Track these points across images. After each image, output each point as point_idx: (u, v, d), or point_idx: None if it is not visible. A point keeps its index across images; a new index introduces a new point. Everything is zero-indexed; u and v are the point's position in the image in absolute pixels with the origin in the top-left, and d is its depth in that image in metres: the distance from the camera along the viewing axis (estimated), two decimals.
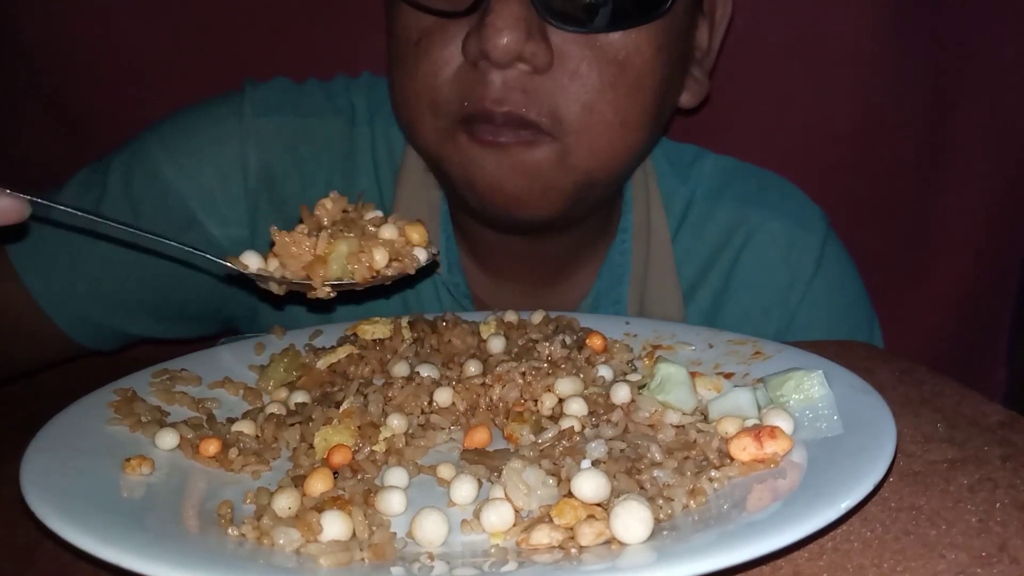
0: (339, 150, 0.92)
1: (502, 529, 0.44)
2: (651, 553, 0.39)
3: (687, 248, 0.94)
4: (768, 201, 0.95)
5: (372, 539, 0.44)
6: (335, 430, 0.55)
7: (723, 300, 0.94)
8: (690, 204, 0.95)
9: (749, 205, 0.94)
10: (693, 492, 0.46)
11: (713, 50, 0.87)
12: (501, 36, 0.67)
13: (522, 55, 0.69)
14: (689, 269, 0.94)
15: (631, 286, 0.91)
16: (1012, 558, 0.41)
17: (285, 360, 0.67)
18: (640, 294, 0.91)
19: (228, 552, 0.42)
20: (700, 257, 0.94)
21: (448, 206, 0.90)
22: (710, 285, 0.94)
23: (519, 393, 0.60)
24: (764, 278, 0.94)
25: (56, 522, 0.41)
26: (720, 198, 0.95)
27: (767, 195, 0.96)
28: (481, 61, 0.70)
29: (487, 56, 0.69)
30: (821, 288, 0.94)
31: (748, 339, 0.67)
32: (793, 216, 0.95)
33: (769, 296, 0.94)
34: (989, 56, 1.13)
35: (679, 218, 0.95)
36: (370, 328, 0.69)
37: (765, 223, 0.94)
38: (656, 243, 0.93)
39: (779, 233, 0.94)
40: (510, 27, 0.67)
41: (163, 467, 0.52)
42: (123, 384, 0.61)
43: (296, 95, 0.93)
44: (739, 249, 0.94)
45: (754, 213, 0.94)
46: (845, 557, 0.42)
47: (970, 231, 1.21)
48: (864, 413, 0.51)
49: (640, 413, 0.55)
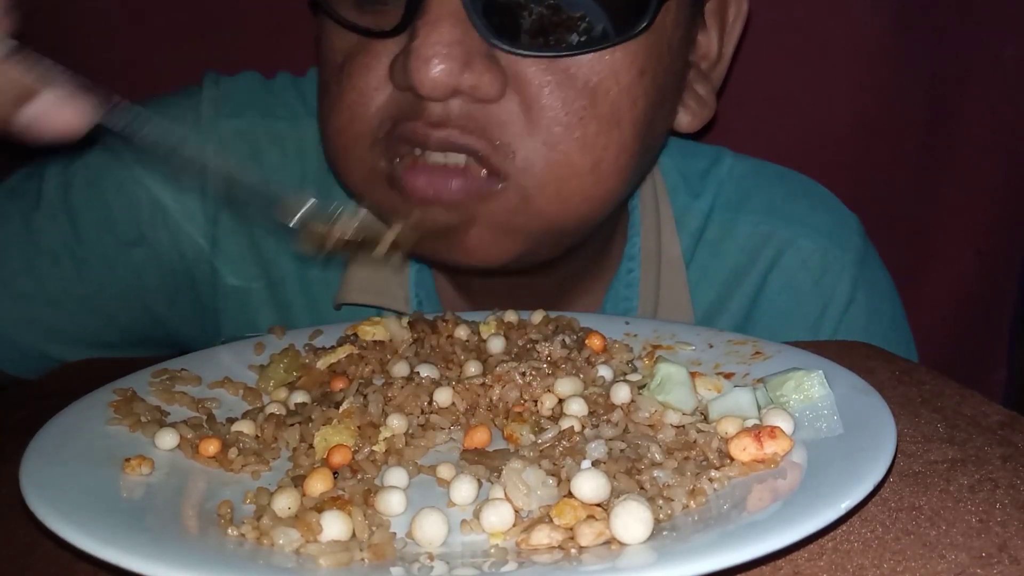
0: (313, 158, 0.79)
1: (502, 529, 0.44)
2: (651, 553, 0.39)
3: (704, 269, 0.83)
4: (797, 213, 0.83)
5: (372, 539, 0.44)
6: (335, 430, 0.55)
7: (745, 330, 0.82)
8: (707, 219, 0.83)
9: (775, 218, 0.82)
10: (693, 492, 0.46)
11: (724, 58, 0.75)
12: (429, 67, 0.55)
13: (459, 87, 0.57)
14: (706, 293, 0.83)
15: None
16: (1012, 558, 0.41)
17: (285, 360, 0.67)
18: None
19: (228, 552, 0.42)
20: (718, 280, 0.83)
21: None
22: (729, 313, 0.83)
23: (519, 393, 0.60)
24: (792, 306, 0.82)
25: (56, 522, 0.41)
26: (740, 210, 0.83)
27: (795, 206, 0.84)
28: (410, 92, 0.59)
29: (414, 90, 0.57)
30: (857, 317, 0.83)
31: (748, 339, 0.67)
32: (826, 231, 0.83)
33: (797, 327, 0.82)
34: (989, 56, 1.13)
35: (695, 236, 0.83)
36: (371, 329, 0.69)
37: (795, 241, 0.82)
38: (668, 271, 0.81)
39: (810, 253, 0.82)
40: (441, 56, 0.55)
41: (163, 467, 0.52)
42: (123, 384, 0.61)
43: (264, 94, 0.82)
44: (765, 273, 0.82)
45: (781, 228, 0.82)
46: (845, 557, 0.42)
47: (970, 231, 1.21)
48: (864, 413, 0.51)
49: (640, 413, 0.55)
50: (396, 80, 0.60)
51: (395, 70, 0.59)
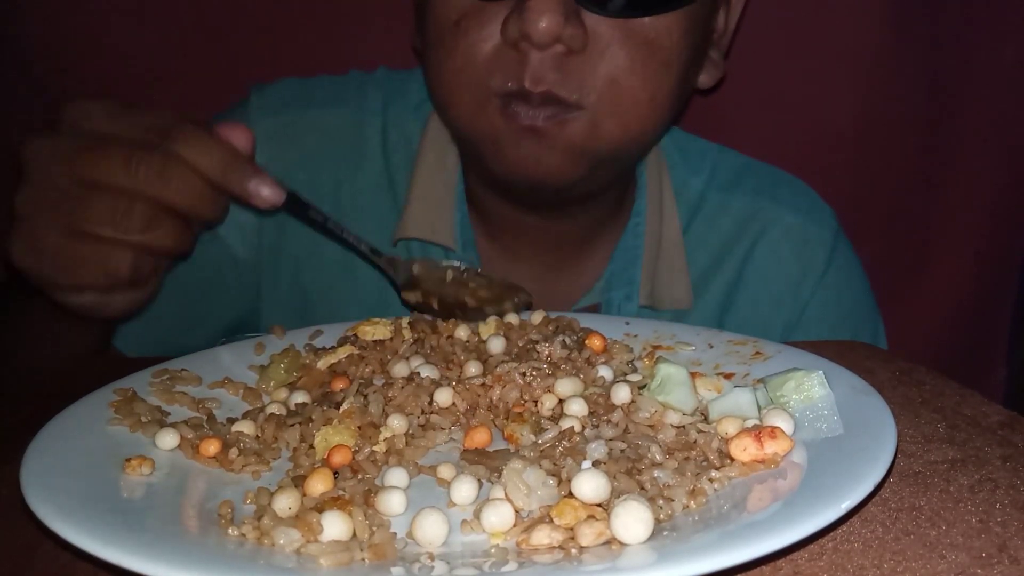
0: (345, 139, 0.95)
1: (502, 530, 0.44)
2: (651, 553, 0.40)
3: (700, 238, 0.97)
4: (781, 196, 0.98)
5: (372, 539, 0.44)
6: (335, 430, 0.55)
7: (736, 290, 0.97)
8: (704, 195, 0.98)
9: (763, 199, 0.98)
10: (693, 492, 0.46)
11: (729, 31, 0.91)
12: (542, 19, 0.70)
13: (560, 37, 0.72)
14: (702, 259, 0.97)
15: (644, 268, 0.93)
16: (1012, 558, 0.41)
17: (285, 361, 0.67)
18: (652, 277, 0.93)
19: (228, 552, 0.42)
20: (713, 247, 0.97)
21: (465, 187, 0.93)
22: (723, 276, 0.97)
23: (519, 394, 0.60)
24: (777, 271, 0.97)
25: (56, 522, 0.41)
26: (734, 191, 0.98)
27: (780, 191, 0.99)
28: (521, 42, 0.73)
29: (528, 38, 0.72)
30: (832, 284, 0.97)
31: (748, 339, 0.67)
32: (806, 212, 0.98)
33: (781, 289, 0.97)
34: (989, 56, 1.13)
35: (693, 208, 0.98)
36: (370, 329, 0.69)
37: (780, 217, 0.97)
38: (668, 228, 0.95)
39: (793, 227, 0.97)
40: (551, 10, 0.70)
41: (163, 467, 0.52)
42: (123, 384, 0.61)
43: (302, 90, 0.96)
44: (753, 241, 0.97)
45: (768, 207, 0.97)
46: (845, 557, 0.42)
47: (970, 231, 1.21)
48: (864, 413, 0.51)
49: (640, 413, 0.55)
50: (508, 34, 0.74)
51: (508, 26, 0.73)
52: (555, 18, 0.71)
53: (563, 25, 0.71)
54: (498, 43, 0.75)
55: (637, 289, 0.93)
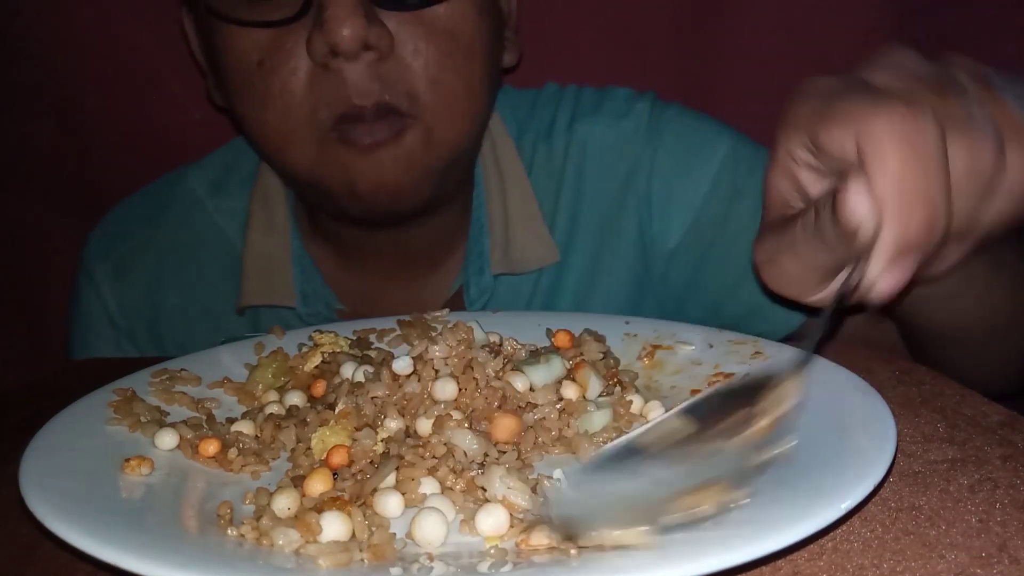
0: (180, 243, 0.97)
1: (497, 534, 0.44)
2: (651, 553, 0.39)
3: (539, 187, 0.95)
4: (586, 109, 0.96)
5: (372, 539, 0.44)
6: (332, 431, 0.55)
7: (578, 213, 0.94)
8: (535, 146, 0.96)
9: (576, 122, 0.95)
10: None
11: (513, 11, 0.92)
12: (344, 26, 0.69)
13: (367, 40, 0.71)
14: (545, 204, 0.95)
15: (492, 237, 0.92)
16: (1012, 558, 0.41)
17: (274, 365, 0.66)
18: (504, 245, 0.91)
19: (228, 552, 0.42)
20: (549, 191, 0.95)
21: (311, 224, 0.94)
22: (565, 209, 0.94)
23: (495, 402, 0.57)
24: (608, 179, 0.94)
25: (56, 522, 0.41)
26: (552, 132, 0.96)
27: (586, 105, 0.96)
28: (332, 60, 0.72)
29: (336, 48, 0.70)
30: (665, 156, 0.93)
31: (748, 339, 0.67)
32: (615, 113, 0.95)
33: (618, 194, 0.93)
34: (989, 56, 1.13)
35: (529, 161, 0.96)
36: (324, 339, 0.69)
37: (590, 131, 0.94)
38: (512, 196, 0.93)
39: (604, 134, 0.94)
40: (351, 15, 0.69)
41: (163, 467, 0.52)
42: (123, 384, 0.61)
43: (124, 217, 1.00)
44: (578, 166, 0.94)
45: (579, 127, 0.95)
46: (845, 557, 0.42)
47: None
48: (864, 413, 0.51)
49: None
50: (316, 53, 0.72)
51: (312, 46, 0.72)
52: (357, 21, 0.69)
53: (367, 28, 0.70)
54: (310, 70, 0.73)
55: (488, 261, 0.91)
